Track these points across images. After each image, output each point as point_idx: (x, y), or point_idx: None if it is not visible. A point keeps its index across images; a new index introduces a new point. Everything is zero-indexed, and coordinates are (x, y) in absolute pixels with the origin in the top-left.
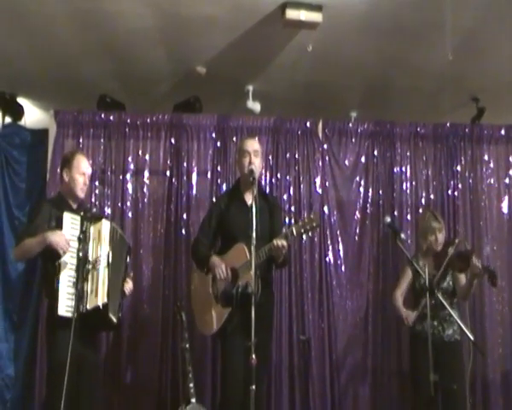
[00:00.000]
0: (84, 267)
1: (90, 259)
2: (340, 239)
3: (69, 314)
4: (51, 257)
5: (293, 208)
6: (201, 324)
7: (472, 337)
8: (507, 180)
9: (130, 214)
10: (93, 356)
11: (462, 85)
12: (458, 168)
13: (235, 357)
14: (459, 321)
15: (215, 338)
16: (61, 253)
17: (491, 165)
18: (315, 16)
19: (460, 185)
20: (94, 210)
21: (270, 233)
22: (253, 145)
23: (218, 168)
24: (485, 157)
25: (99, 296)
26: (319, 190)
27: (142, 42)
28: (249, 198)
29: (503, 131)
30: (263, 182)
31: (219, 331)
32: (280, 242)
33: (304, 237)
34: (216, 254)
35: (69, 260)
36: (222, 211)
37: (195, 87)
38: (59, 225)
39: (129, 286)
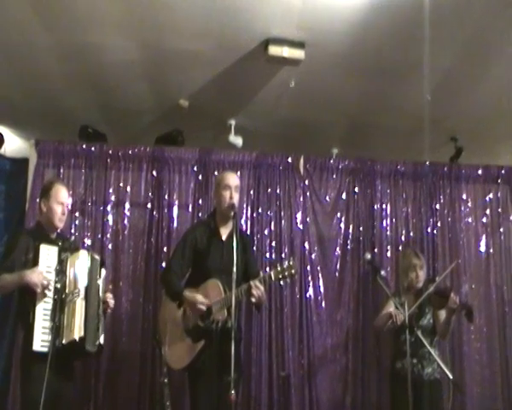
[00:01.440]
0: (60, 300)
1: (67, 291)
2: (320, 275)
3: (45, 349)
4: (28, 291)
5: (273, 244)
6: (171, 356)
7: (451, 376)
8: (484, 219)
9: (110, 246)
10: (69, 391)
11: (440, 125)
12: (437, 206)
13: (208, 395)
14: (438, 360)
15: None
16: (38, 291)
17: (469, 204)
18: (297, 53)
19: (439, 223)
20: (72, 240)
21: (244, 270)
22: (235, 180)
23: (200, 202)
24: (464, 196)
25: (75, 330)
26: (300, 226)
27: (126, 74)
28: (224, 233)
29: (480, 171)
30: (243, 217)
31: (189, 366)
32: (257, 284)
33: (281, 282)
34: (188, 288)
35: (45, 293)
36: (197, 242)
37: (178, 120)
38: (36, 257)
39: (109, 301)
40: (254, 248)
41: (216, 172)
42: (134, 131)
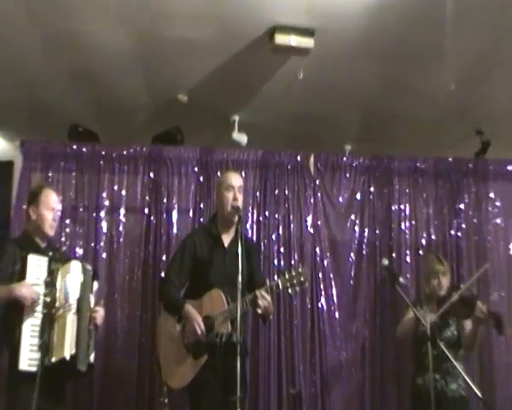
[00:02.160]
0: (50, 315)
1: (58, 305)
2: (333, 283)
3: (33, 369)
4: (15, 306)
5: (282, 250)
6: (169, 375)
7: (479, 394)
8: None
9: (104, 255)
10: None
11: (465, 116)
12: (462, 206)
13: None
14: (465, 375)
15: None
16: (27, 305)
17: (498, 203)
18: (306, 41)
19: (464, 225)
20: (63, 249)
21: (249, 279)
22: (239, 180)
23: (201, 205)
24: (491, 194)
25: (66, 347)
26: (311, 230)
27: (119, 67)
28: (227, 239)
29: (509, 167)
30: (248, 221)
31: (191, 385)
32: (263, 294)
33: (290, 291)
34: (188, 300)
35: (34, 307)
36: (196, 250)
37: (176, 117)
38: (23, 269)
39: (99, 315)
40: (261, 256)
41: (219, 173)
42: (129, 129)
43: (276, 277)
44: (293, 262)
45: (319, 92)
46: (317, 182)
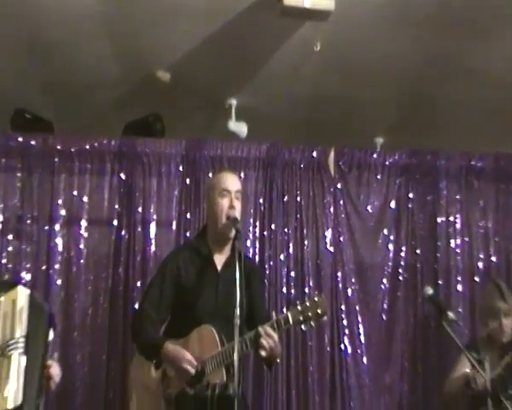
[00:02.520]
0: None
1: (0, 342)
2: (360, 319)
3: None
4: None
5: (293, 274)
6: None
7: None
8: None
9: (59, 282)
10: None
11: None
12: None
13: None
14: None
15: None
16: None
17: None
18: (325, 3)
19: None
20: (6, 277)
21: (250, 312)
22: (236, 183)
23: (187, 215)
24: None
25: (10, 396)
26: (330, 248)
27: (80, 35)
28: (220, 260)
29: None
30: (249, 236)
31: None
32: (268, 331)
33: (303, 327)
34: (167, 339)
35: None
36: (181, 274)
37: (155, 101)
38: None
39: (55, 372)
40: (265, 282)
41: (210, 174)
42: (93, 116)
43: (285, 309)
44: (307, 290)
45: (341, 68)
46: (339, 185)
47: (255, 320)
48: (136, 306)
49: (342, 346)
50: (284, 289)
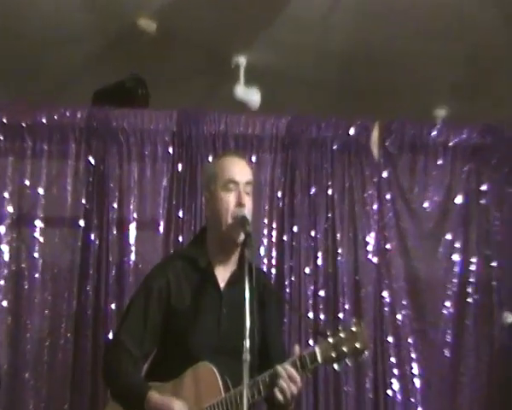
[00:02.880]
0: None
1: None
2: (414, 355)
3: None
4: None
5: (322, 293)
6: None
7: None
8: None
9: (4, 303)
10: None
11: None
12: None
13: None
14: None
15: None
16: None
17: None
18: None
19: None
20: None
21: (263, 346)
22: (246, 172)
23: (179, 214)
24: None
25: None
26: (374, 259)
27: None
28: (224, 274)
29: None
30: (264, 242)
31: None
32: (290, 371)
33: (336, 367)
34: (154, 383)
35: None
36: (171, 294)
37: (136, 59)
38: None
39: None
40: (285, 305)
41: (210, 158)
42: (52, 79)
43: (311, 341)
44: (341, 316)
45: (387, 14)
46: (385, 174)
47: (271, 357)
48: (111, 336)
49: (390, 392)
50: (311, 314)
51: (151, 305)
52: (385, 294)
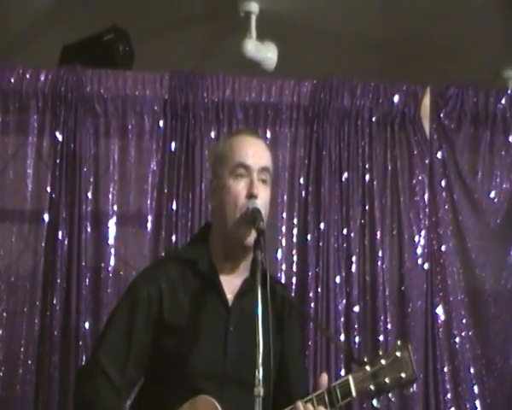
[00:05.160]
0: None
1: None
2: (477, 390)
3: None
4: None
5: (356, 309)
6: None
7: None
8: None
9: None
10: None
11: None
12: None
13: None
14: None
15: None
16: None
17: None
18: None
19: None
20: None
21: (280, 372)
22: (261, 155)
23: (173, 205)
24: None
25: None
26: (425, 265)
27: None
28: (231, 283)
29: None
30: (283, 241)
31: None
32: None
33: (375, 403)
34: None
35: None
36: (163, 308)
37: (117, 6)
38: None
39: None
40: (310, 323)
41: (213, 134)
42: (8, 31)
43: (343, 370)
44: (382, 338)
45: None
46: (439, 154)
47: (290, 388)
48: (84, 361)
49: None
50: (342, 337)
51: (137, 320)
52: (439, 310)
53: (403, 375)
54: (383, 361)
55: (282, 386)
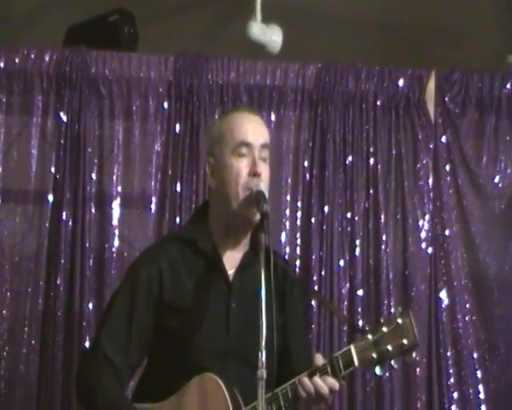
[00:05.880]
0: None
1: None
2: (480, 374)
3: None
4: None
5: (360, 292)
6: None
7: None
8: None
9: None
10: None
11: None
12: None
13: None
14: None
15: None
16: None
17: None
18: None
19: None
20: None
21: (284, 351)
22: (262, 132)
23: (177, 187)
24: None
25: None
26: (428, 249)
27: None
28: (233, 261)
29: None
30: (287, 223)
31: None
32: (318, 383)
33: (378, 370)
34: (142, 404)
35: None
36: (163, 288)
37: None
38: None
39: None
40: (312, 302)
41: (216, 117)
42: (12, 13)
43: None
44: (382, 318)
45: None
46: (444, 138)
47: (293, 363)
48: (87, 344)
49: None
50: (343, 308)
51: (138, 301)
52: (442, 294)
53: (405, 341)
54: (385, 329)
55: (285, 361)
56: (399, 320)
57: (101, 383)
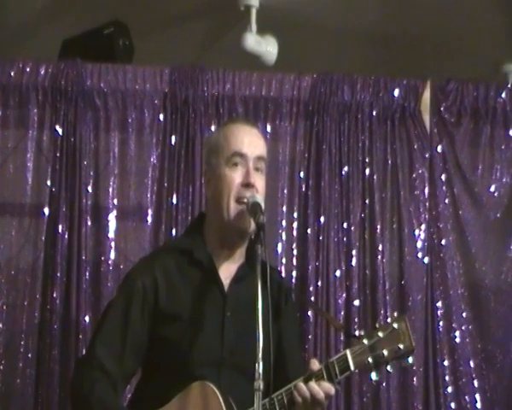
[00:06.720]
0: None
1: None
2: (476, 383)
3: None
4: None
5: (356, 303)
6: None
7: None
8: None
9: None
10: None
11: None
12: None
13: None
14: None
15: None
16: None
17: None
18: None
19: None
20: None
21: (279, 360)
22: (257, 144)
23: (173, 199)
24: None
25: None
26: (424, 259)
27: None
28: (228, 272)
29: None
30: (283, 234)
31: None
32: (313, 388)
33: (374, 375)
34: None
35: None
36: (159, 297)
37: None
38: None
39: None
40: (307, 313)
41: (213, 126)
42: (8, 25)
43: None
44: (378, 325)
45: None
46: (440, 148)
47: (288, 374)
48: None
49: None
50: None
51: (133, 311)
52: (439, 304)
53: (401, 346)
54: (380, 334)
55: (280, 372)
56: (395, 325)
57: (96, 392)
